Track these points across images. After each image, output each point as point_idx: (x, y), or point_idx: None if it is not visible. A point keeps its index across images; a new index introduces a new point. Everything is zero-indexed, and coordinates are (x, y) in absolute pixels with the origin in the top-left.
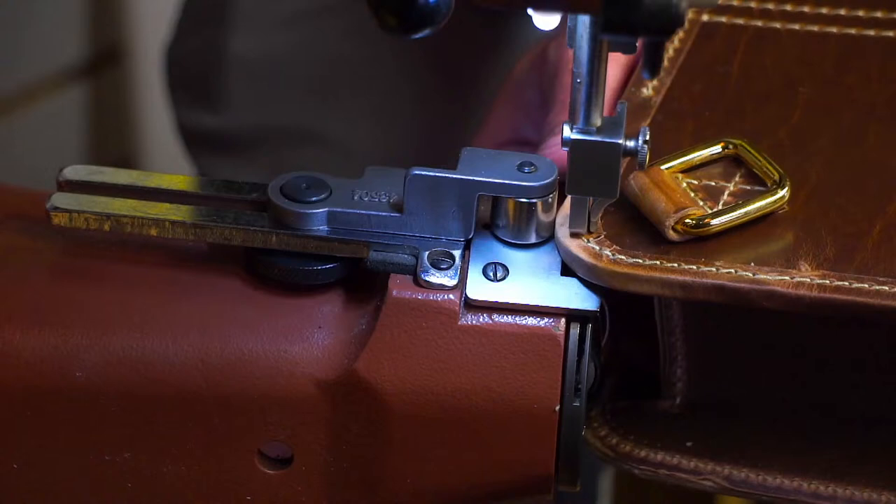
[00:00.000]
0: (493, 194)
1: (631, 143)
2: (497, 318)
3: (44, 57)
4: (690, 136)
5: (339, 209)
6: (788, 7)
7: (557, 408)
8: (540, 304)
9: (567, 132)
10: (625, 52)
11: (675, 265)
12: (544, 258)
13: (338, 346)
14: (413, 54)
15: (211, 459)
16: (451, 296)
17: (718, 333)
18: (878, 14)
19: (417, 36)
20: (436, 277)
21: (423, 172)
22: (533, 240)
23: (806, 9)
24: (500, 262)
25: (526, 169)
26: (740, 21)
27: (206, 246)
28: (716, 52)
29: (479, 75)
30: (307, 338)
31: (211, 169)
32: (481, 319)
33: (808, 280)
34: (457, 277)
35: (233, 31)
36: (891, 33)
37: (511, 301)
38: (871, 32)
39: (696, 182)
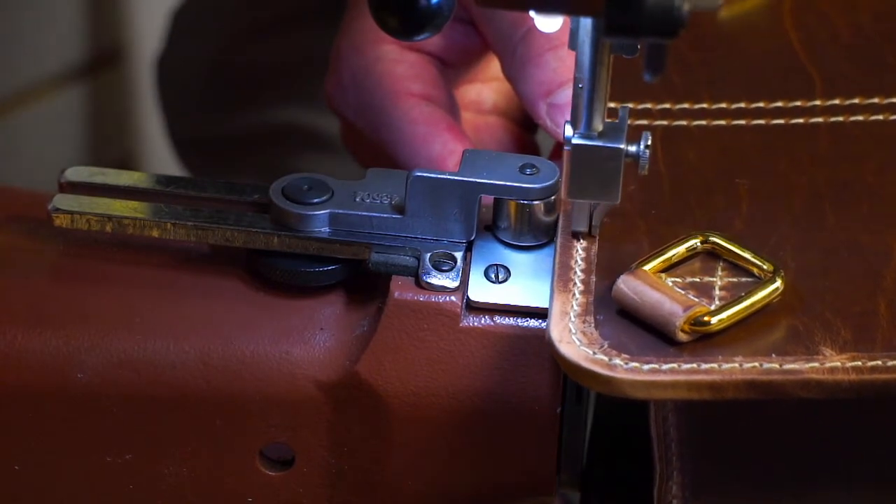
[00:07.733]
0: (494, 196)
1: (633, 148)
2: (499, 319)
3: (44, 57)
4: (647, 235)
5: (340, 211)
6: (687, 105)
7: (559, 410)
8: (542, 305)
9: (569, 131)
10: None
11: (695, 366)
12: (546, 260)
13: (339, 348)
14: None
15: (212, 461)
16: (453, 297)
17: (715, 442)
18: (780, 104)
19: (419, 38)
20: (437, 279)
21: (425, 174)
22: (534, 242)
23: (705, 105)
24: (501, 263)
25: (528, 171)
26: (644, 122)
27: (207, 247)
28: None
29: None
30: (308, 339)
31: (207, 175)
32: (483, 321)
33: (840, 364)
34: (458, 279)
35: (223, 39)
36: (800, 120)
37: (513, 303)
38: (781, 121)
39: (680, 280)
